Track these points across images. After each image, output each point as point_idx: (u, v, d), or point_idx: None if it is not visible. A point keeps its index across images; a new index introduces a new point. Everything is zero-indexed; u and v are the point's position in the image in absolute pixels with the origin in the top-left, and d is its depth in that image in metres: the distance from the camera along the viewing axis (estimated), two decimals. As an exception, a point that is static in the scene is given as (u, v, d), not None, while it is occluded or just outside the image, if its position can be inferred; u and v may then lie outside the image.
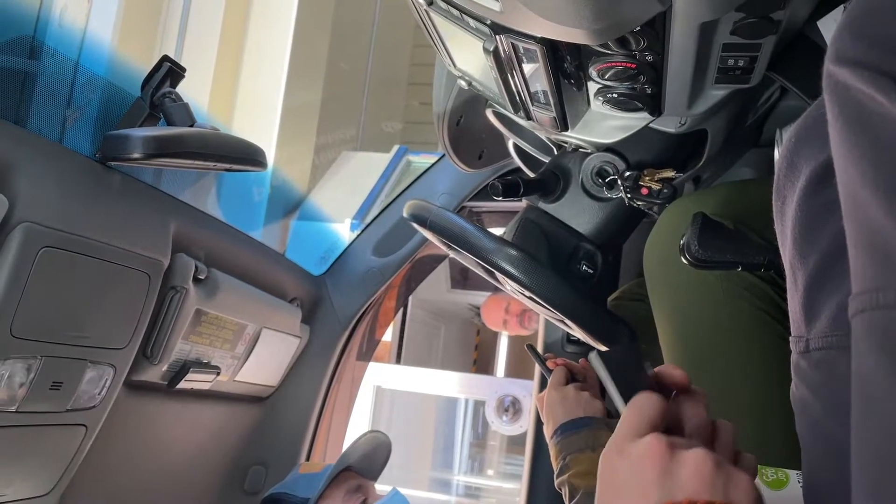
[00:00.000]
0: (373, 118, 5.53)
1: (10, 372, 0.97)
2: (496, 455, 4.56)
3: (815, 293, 0.46)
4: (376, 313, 2.02)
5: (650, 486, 0.50)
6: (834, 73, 0.41)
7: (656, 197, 1.06)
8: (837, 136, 0.40)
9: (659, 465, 0.50)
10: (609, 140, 1.05)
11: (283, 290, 1.63)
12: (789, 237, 0.48)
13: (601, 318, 1.14)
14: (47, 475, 1.11)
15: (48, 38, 1.26)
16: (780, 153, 0.50)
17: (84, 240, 1.02)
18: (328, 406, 1.84)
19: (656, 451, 0.51)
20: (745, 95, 0.99)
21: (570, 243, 1.14)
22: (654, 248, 1.13)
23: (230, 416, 1.62)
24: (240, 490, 1.69)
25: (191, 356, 1.33)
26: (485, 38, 0.87)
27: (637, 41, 0.83)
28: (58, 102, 1.18)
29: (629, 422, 0.55)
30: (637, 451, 0.52)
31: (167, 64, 1.17)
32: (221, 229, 1.43)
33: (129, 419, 1.28)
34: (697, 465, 0.49)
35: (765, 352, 0.99)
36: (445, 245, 1.16)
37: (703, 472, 0.49)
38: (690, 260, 0.91)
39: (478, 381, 4.20)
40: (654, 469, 0.50)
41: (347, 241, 1.91)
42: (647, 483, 0.50)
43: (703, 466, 0.49)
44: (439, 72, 1.25)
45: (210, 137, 1.13)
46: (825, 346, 0.46)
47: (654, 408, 0.56)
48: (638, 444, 0.53)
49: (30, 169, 0.97)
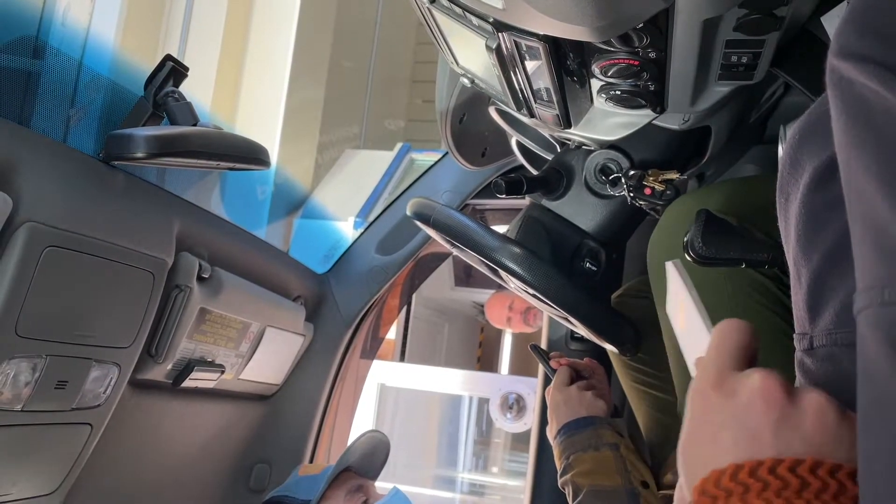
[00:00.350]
0: (376, 116, 5.53)
1: (15, 371, 0.97)
2: (500, 452, 4.56)
3: (819, 290, 0.46)
4: (380, 311, 2.02)
5: (763, 432, 0.42)
6: (837, 67, 0.40)
7: (659, 198, 1.06)
8: (841, 131, 0.40)
9: (775, 410, 0.43)
10: (612, 137, 1.05)
11: (286, 289, 1.63)
12: (793, 234, 0.48)
13: (605, 315, 1.14)
14: (52, 474, 1.11)
15: (51, 38, 1.27)
16: (783, 150, 0.49)
17: (88, 239, 1.03)
18: (332, 404, 1.84)
19: (772, 392, 0.43)
20: (749, 92, 0.99)
21: (574, 241, 1.14)
22: (658, 244, 1.13)
23: (234, 414, 1.62)
24: (244, 488, 1.70)
25: (195, 355, 1.33)
26: (487, 35, 0.86)
27: (640, 38, 0.83)
28: (61, 102, 1.19)
29: (724, 350, 0.48)
30: (744, 387, 0.44)
31: (170, 63, 1.17)
32: (225, 228, 1.43)
33: (133, 418, 1.29)
34: (820, 412, 0.42)
35: (769, 349, 0.99)
36: (449, 243, 1.16)
37: (826, 422, 0.42)
38: (694, 257, 0.91)
39: (482, 378, 4.20)
40: (768, 413, 0.43)
41: (351, 239, 1.91)
42: (759, 428, 0.42)
43: (826, 415, 0.42)
44: (442, 69, 1.25)
45: (213, 136, 1.13)
46: (830, 343, 0.45)
47: (751, 337, 0.48)
48: (744, 380, 0.45)
49: (34, 168, 0.97)
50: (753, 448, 0.42)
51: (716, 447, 0.44)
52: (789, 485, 0.40)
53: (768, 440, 0.42)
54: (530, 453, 1.79)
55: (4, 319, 0.93)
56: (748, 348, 0.48)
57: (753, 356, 0.48)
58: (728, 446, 0.43)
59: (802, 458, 0.41)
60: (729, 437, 0.44)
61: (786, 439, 0.42)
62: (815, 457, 0.41)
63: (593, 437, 1.21)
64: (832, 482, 0.40)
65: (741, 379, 0.45)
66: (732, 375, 0.46)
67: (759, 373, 0.45)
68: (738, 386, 0.45)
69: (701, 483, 0.44)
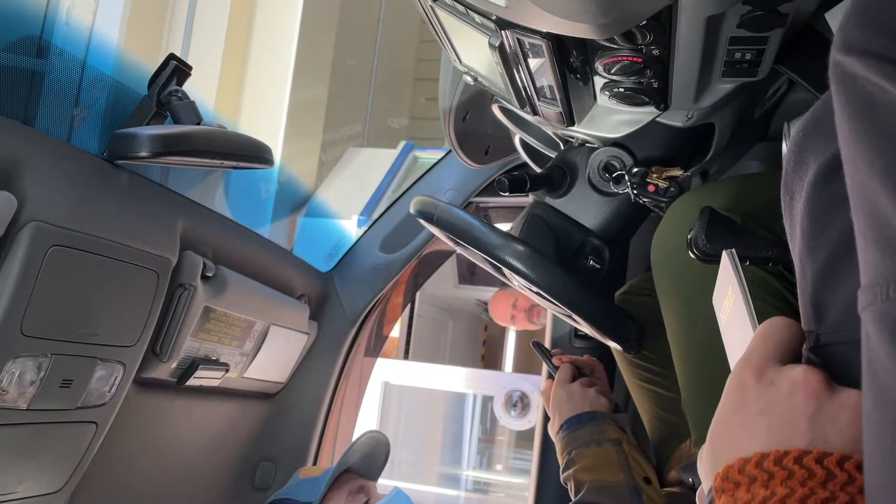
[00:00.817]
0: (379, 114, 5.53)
1: (20, 370, 0.97)
2: (505, 450, 4.56)
3: (824, 287, 0.46)
4: (384, 309, 2.02)
5: (799, 421, 0.42)
6: (840, 62, 0.40)
7: (663, 195, 1.06)
8: (845, 127, 0.40)
9: (815, 402, 0.43)
10: (616, 135, 1.05)
11: (290, 287, 1.63)
12: (798, 232, 0.48)
13: (608, 312, 1.14)
14: (58, 472, 1.12)
15: (55, 38, 1.27)
16: (787, 147, 0.49)
17: (93, 238, 1.03)
18: (336, 402, 1.84)
19: (813, 385, 0.43)
20: (753, 89, 0.99)
21: (577, 238, 1.14)
22: (662, 242, 1.13)
23: (239, 412, 1.63)
24: (249, 486, 1.70)
25: (199, 353, 1.34)
26: (490, 33, 0.86)
27: (643, 35, 0.83)
28: (65, 101, 1.19)
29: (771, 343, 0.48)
30: (786, 378, 0.45)
31: (173, 62, 1.18)
32: (229, 227, 1.43)
33: (139, 416, 1.29)
34: (858, 409, 0.41)
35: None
36: (452, 241, 1.16)
37: None
38: (698, 254, 0.91)
39: (486, 376, 4.20)
40: (808, 404, 0.43)
41: (354, 237, 1.91)
42: (797, 417, 0.42)
43: None
44: (445, 67, 1.25)
45: (216, 135, 1.13)
46: (835, 340, 0.45)
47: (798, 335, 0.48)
48: (786, 372, 0.45)
49: (38, 168, 0.97)
50: (787, 436, 0.42)
51: (748, 433, 0.44)
52: (815, 475, 0.40)
53: (803, 429, 0.42)
54: (534, 450, 1.79)
55: (9, 319, 0.94)
56: (794, 345, 0.48)
57: (798, 354, 0.48)
58: (761, 433, 0.44)
59: (830, 451, 0.41)
60: (763, 424, 0.44)
61: (822, 431, 0.42)
62: (846, 452, 0.41)
63: (595, 432, 1.21)
64: (859, 476, 0.40)
65: (784, 371, 0.45)
66: (775, 367, 0.46)
67: (802, 367, 0.45)
68: (780, 376, 0.45)
69: (724, 469, 0.44)
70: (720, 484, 0.44)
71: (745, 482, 0.43)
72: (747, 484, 0.42)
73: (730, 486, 0.43)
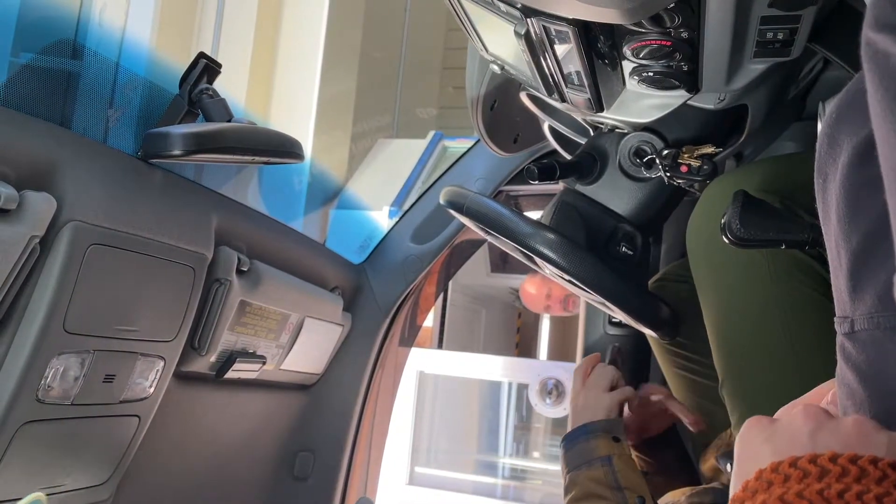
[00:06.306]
0: (407, 105, 5.53)
1: (64, 367, 1.00)
2: (541, 437, 4.56)
3: (859, 272, 0.45)
4: (417, 299, 2.03)
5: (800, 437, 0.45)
6: (873, 40, 0.39)
7: (696, 174, 1.04)
8: (878, 106, 0.39)
9: (814, 421, 0.46)
10: (646, 119, 1.04)
11: (324, 280, 1.64)
12: (833, 215, 0.47)
13: (642, 299, 1.13)
14: (104, 465, 1.15)
15: (89, 40, 1.29)
16: (821, 128, 0.48)
17: (130, 236, 1.05)
18: (372, 392, 1.86)
19: (812, 409, 0.47)
20: (786, 68, 0.97)
21: (609, 225, 1.13)
22: (697, 227, 1.12)
23: (277, 404, 1.65)
24: (289, 475, 1.73)
25: (237, 347, 1.36)
26: (516, 21, 0.86)
27: (671, 18, 0.82)
28: (100, 103, 1.21)
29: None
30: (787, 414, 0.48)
31: (203, 60, 1.19)
32: (262, 221, 1.45)
33: (179, 409, 1.32)
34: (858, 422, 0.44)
35: (814, 330, 0.97)
36: (483, 230, 1.16)
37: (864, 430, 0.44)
38: (732, 239, 0.89)
39: (520, 364, 4.20)
40: (807, 423, 0.46)
41: (386, 228, 1.92)
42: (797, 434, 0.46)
43: (864, 424, 0.44)
44: (472, 56, 1.25)
45: (247, 132, 1.14)
46: (871, 326, 0.44)
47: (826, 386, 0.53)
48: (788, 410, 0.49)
49: (75, 169, 0.99)
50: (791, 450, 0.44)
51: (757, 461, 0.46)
52: (829, 471, 0.41)
53: (804, 442, 0.44)
54: (570, 439, 1.78)
55: (52, 317, 0.96)
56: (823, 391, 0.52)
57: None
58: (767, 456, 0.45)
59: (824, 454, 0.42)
60: (769, 449, 0.46)
61: (823, 442, 0.44)
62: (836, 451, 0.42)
63: (585, 451, 1.18)
64: (874, 470, 0.40)
65: (786, 411, 0.50)
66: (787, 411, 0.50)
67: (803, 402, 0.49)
68: (782, 415, 0.49)
69: (744, 483, 0.45)
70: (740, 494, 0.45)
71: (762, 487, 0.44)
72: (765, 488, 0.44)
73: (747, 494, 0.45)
